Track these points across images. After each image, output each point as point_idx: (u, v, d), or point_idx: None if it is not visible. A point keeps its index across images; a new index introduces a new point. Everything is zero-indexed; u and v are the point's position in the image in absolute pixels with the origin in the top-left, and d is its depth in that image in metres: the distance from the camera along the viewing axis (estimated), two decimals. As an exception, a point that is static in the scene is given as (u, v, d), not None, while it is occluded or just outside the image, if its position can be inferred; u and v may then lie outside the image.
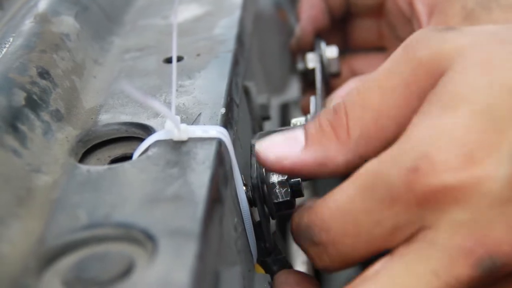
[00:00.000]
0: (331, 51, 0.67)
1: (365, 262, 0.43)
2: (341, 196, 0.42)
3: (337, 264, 0.43)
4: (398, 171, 0.40)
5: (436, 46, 0.42)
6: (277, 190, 0.48)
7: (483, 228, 0.39)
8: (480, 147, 0.39)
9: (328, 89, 0.65)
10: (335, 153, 0.44)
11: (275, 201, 0.47)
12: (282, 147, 0.45)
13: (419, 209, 0.40)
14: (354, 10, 0.70)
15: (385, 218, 0.40)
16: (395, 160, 0.40)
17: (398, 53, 0.44)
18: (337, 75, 0.67)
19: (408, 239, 0.41)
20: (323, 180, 0.58)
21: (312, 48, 0.69)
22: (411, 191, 0.39)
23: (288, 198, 0.47)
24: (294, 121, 0.54)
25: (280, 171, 0.46)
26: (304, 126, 0.45)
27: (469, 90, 0.40)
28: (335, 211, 0.42)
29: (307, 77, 0.69)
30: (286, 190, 0.47)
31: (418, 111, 0.41)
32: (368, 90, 0.44)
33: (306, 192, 0.54)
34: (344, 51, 0.70)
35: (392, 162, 0.40)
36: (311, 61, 0.67)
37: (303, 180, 0.49)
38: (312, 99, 0.56)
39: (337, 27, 0.72)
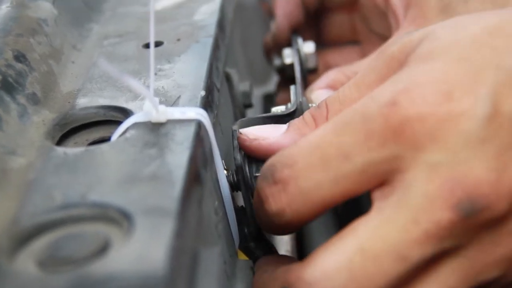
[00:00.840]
0: (308, 47, 0.66)
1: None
2: (315, 133, 0.42)
3: (294, 206, 0.41)
4: (377, 104, 0.40)
5: (406, 39, 0.44)
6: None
7: (461, 168, 0.38)
8: (458, 87, 0.39)
9: (306, 85, 0.64)
10: None
11: None
12: (264, 130, 0.47)
13: (395, 144, 0.39)
14: (327, 4, 0.69)
15: (356, 153, 0.40)
16: (374, 97, 0.41)
17: (374, 55, 0.47)
18: (314, 70, 0.66)
19: (382, 185, 0.40)
20: None
21: (288, 44, 0.68)
22: (387, 122, 0.39)
23: None
24: (274, 109, 0.53)
25: (256, 151, 0.46)
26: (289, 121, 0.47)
27: (442, 45, 0.41)
28: (304, 146, 0.41)
29: (285, 73, 0.68)
30: None
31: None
32: (347, 88, 0.45)
33: None
34: (318, 46, 0.69)
35: (372, 99, 0.41)
36: (288, 56, 0.66)
37: None
38: (292, 88, 0.55)
39: (311, 23, 0.71)
